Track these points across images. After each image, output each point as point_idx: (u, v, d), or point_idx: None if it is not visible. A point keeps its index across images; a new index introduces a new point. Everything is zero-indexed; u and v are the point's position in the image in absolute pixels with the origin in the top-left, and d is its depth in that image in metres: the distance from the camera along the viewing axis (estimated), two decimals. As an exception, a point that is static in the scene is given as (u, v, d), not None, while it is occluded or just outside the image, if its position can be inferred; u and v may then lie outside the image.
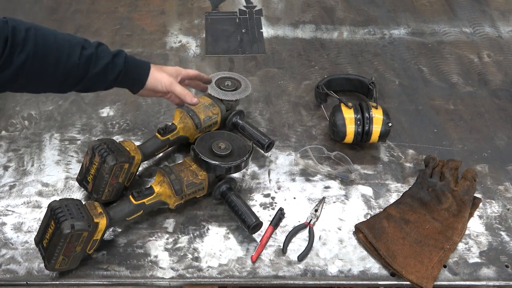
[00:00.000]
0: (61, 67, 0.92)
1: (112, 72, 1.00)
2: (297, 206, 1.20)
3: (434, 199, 1.20)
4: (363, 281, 1.07)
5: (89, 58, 0.96)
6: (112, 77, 1.01)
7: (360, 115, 1.26)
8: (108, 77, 1.01)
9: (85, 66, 0.95)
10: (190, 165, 1.15)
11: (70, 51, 0.93)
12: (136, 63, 1.07)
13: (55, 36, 0.92)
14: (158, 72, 1.09)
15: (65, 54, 0.92)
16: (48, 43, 0.90)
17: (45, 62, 0.90)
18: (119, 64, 1.01)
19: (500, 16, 1.86)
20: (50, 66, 0.91)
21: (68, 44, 0.93)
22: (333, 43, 1.71)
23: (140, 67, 1.07)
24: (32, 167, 1.27)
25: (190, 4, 1.88)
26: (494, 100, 1.51)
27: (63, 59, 0.92)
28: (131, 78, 1.06)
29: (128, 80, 1.06)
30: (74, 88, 1.00)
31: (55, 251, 0.97)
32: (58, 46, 0.91)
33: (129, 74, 1.04)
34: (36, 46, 0.88)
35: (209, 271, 1.07)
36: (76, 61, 0.93)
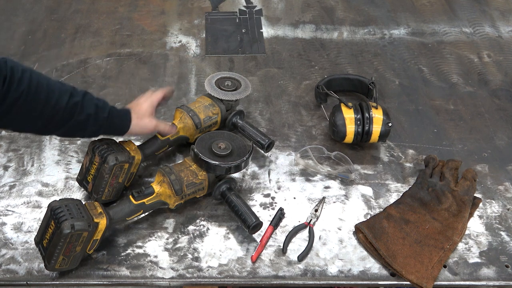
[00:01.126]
0: (48, 109, 0.97)
1: (94, 123, 1.04)
2: (297, 206, 1.20)
3: (434, 199, 1.20)
4: (363, 281, 1.07)
5: (75, 105, 1.00)
6: (94, 128, 1.05)
7: (360, 115, 1.26)
8: (90, 127, 1.05)
9: (70, 112, 1.00)
10: (190, 165, 1.15)
11: (60, 95, 0.98)
12: (119, 115, 1.10)
13: (47, 80, 0.98)
14: (140, 119, 1.13)
15: (55, 98, 0.97)
16: (40, 85, 0.95)
17: (35, 102, 0.95)
18: (103, 116, 1.05)
19: (500, 16, 1.86)
20: (39, 106, 0.96)
21: (59, 90, 0.98)
22: (333, 43, 1.71)
23: (123, 119, 1.11)
24: (32, 167, 1.27)
25: (190, 4, 1.88)
26: (494, 100, 1.51)
27: (52, 102, 0.97)
28: (113, 129, 1.10)
29: (111, 131, 1.11)
30: (56, 132, 1.04)
31: (55, 251, 0.97)
32: (49, 90, 0.97)
33: (112, 126, 1.09)
34: (30, 87, 0.93)
35: (209, 271, 1.07)
36: (63, 106, 0.98)
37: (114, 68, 1.58)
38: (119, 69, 1.57)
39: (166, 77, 1.55)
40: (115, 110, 1.09)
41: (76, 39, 1.68)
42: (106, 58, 1.61)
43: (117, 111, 1.09)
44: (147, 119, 1.14)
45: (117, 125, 1.10)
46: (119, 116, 1.10)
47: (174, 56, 1.63)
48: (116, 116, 1.09)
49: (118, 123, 1.10)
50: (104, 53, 1.63)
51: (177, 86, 1.52)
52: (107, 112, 1.06)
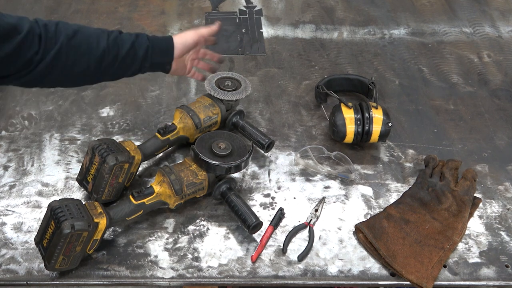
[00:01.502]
0: (93, 53, 1.00)
1: (140, 48, 1.07)
2: (297, 206, 1.20)
3: (434, 199, 1.20)
4: (363, 281, 1.07)
5: (115, 40, 1.03)
6: (141, 52, 1.08)
7: (360, 115, 1.26)
8: (138, 54, 1.07)
9: (114, 49, 1.03)
10: (190, 165, 1.15)
11: (98, 38, 1.01)
12: (158, 37, 1.13)
13: (82, 27, 1.01)
14: (179, 34, 1.16)
15: (95, 41, 1.00)
16: (77, 33, 0.98)
17: (78, 50, 0.98)
18: (144, 40, 1.08)
19: (500, 16, 1.86)
20: (84, 54, 0.99)
21: (95, 33, 1.02)
22: (333, 43, 1.71)
23: (163, 38, 1.14)
24: (32, 167, 1.27)
25: (190, 4, 1.88)
26: (494, 100, 1.51)
27: (93, 45, 0.99)
28: (160, 50, 1.12)
29: (158, 53, 1.12)
30: (110, 75, 1.07)
31: (55, 251, 0.97)
32: (87, 35, 1.00)
33: (156, 47, 1.11)
34: (68, 36, 0.96)
35: (209, 271, 1.07)
36: (105, 46, 1.00)
37: (114, 68, 1.57)
38: (119, 69, 1.57)
39: (166, 77, 1.55)
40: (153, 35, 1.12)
41: (76, 39, 1.68)
42: (106, 58, 1.61)
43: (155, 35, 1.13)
44: (186, 31, 1.17)
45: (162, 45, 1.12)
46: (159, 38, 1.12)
47: (174, 56, 1.63)
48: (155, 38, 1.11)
49: (161, 44, 1.12)
50: (104, 53, 1.63)
51: (177, 86, 1.52)
52: (146, 36, 1.09)
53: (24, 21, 0.96)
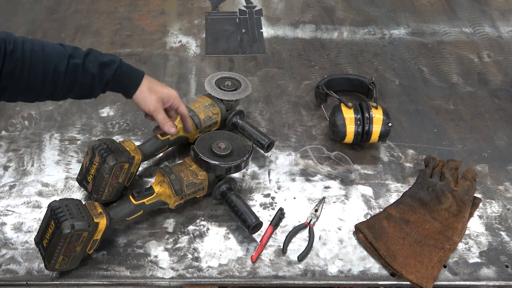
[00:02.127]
0: (49, 77, 0.94)
1: (99, 83, 1.01)
2: (297, 206, 1.20)
3: (434, 199, 1.20)
4: (363, 281, 1.07)
5: (75, 67, 0.96)
6: (99, 88, 1.02)
7: (360, 115, 1.26)
8: (96, 88, 1.01)
9: (72, 76, 0.96)
10: (190, 165, 1.15)
11: (58, 61, 0.94)
12: (129, 74, 1.04)
13: (43, 47, 0.94)
14: (148, 92, 1.06)
15: (53, 65, 0.93)
16: (35, 53, 0.92)
17: (32, 72, 0.92)
18: (107, 75, 1.00)
19: (500, 16, 1.86)
20: (38, 76, 0.93)
21: (56, 55, 0.94)
22: (333, 43, 1.71)
23: (132, 79, 1.05)
24: (32, 167, 1.27)
25: (190, 4, 1.88)
26: (494, 100, 1.51)
27: (51, 69, 0.93)
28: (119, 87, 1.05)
29: (117, 89, 1.06)
30: (64, 97, 1.01)
31: (55, 251, 0.97)
32: (45, 57, 0.93)
33: (117, 85, 1.04)
34: (24, 56, 0.90)
35: (209, 271, 1.07)
36: (63, 71, 0.94)
37: (114, 68, 1.57)
38: (119, 69, 1.57)
39: (166, 77, 1.55)
40: (125, 68, 1.03)
41: (76, 39, 1.68)
42: (106, 58, 1.61)
43: (126, 71, 1.03)
44: (155, 98, 1.06)
45: (123, 86, 1.05)
46: (129, 76, 1.04)
47: (174, 56, 1.63)
48: (125, 75, 1.03)
49: (123, 84, 1.04)
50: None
51: (177, 86, 1.52)
52: (114, 71, 1.00)
53: None
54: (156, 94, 1.07)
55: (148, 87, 1.06)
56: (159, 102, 1.07)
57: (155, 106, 1.07)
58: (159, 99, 1.07)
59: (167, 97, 1.09)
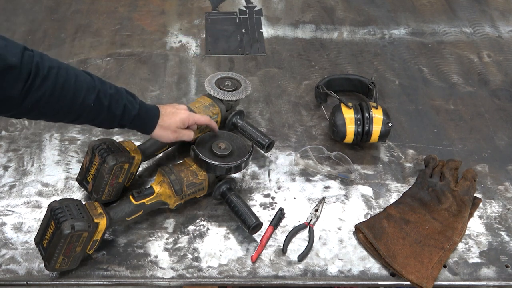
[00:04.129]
0: (74, 108, 0.96)
1: (120, 123, 1.04)
2: (297, 206, 1.20)
3: (434, 199, 1.20)
4: (363, 281, 1.07)
5: (102, 105, 0.99)
6: (119, 125, 1.05)
7: (360, 115, 1.26)
8: (114, 125, 1.05)
9: (96, 112, 0.99)
10: (190, 165, 1.15)
11: (86, 95, 0.96)
12: (146, 117, 1.08)
13: (76, 77, 0.95)
14: (163, 130, 1.11)
15: (81, 98, 0.95)
16: (66, 84, 0.93)
17: (60, 102, 0.93)
18: (127, 119, 1.04)
19: (500, 16, 1.86)
20: (65, 107, 0.95)
21: (86, 88, 0.96)
22: (333, 43, 1.71)
23: (147, 122, 1.09)
24: (32, 167, 1.27)
25: (190, 4, 1.88)
26: (494, 100, 1.51)
27: (78, 102, 0.95)
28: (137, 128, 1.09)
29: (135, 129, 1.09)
30: (84, 124, 1.04)
31: (55, 251, 0.97)
32: (76, 89, 0.95)
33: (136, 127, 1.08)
34: (55, 86, 0.91)
35: (209, 271, 1.07)
36: (90, 106, 0.97)
37: (114, 68, 1.58)
38: (119, 69, 1.57)
39: (166, 77, 1.55)
40: (142, 113, 1.06)
41: (76, 39, 1.68)
42: (106, 58, 1.61)
43: (143, 115, 1.07)
44: (169, 131, 1.11)
45: (141, 127, 1.09)
46: (145, 120, 1.08)
47: (174, 56, 1.63)
48: (142, 120, 1.07)
49: (142, 126, 1.09)
50: (104, 53, 1.63)
51: (177, 86, 1.52)
52: (134, 114, 1.04)
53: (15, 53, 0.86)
54: (170, 128, 1.11)
55: (160, 126, 1.10)
56: (175, 132, 1.12)
57: (174, 137, 1.12)
58: (174, 131, 1.12)
59: (181, 123, 1.13)
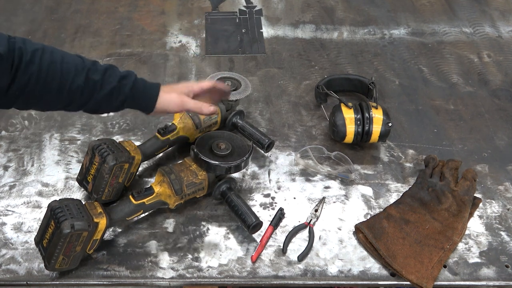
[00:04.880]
0: (64, 91, 0.92)
1: (117, 99, 0.99)
2: (297, 206, 1.20)
3: (434, 199, 1.20)
4: (363, 281, 1.07)
5: (94, 84, 0.95)
6: (117, 103, 1.00)
7: (360, 115, 1.26)
8: (113, 103, 1.00)
9: (89, 92, 0.95)
10: (190, 165, 1.15)
11: (75, 76, 0.92)
12: (145, 87, 1.03)
13: (62, 59, 0.92)
14: (167, 94, 1.06)
15: (70, 79, 0.91)
16: (52, 67, 0.90)
17: (48, 86, 0.90)
18: (125, 91, 0.99)
19: (500, 16, 1.86)
20: (53, 90, 0.91)
21: (74, 69, 0.92)
22: (333, 43, 1.71)
23: (148, 91, 1.04)
24: (32, 167, 1.27)
25: (190, 4, 1.88)
26: (494, 100, 1.51)
27: (67, 83, 0.91)
28: (138, 103, 1.04)
29: (136, 105, 1.05)
30: (79, 110, 1.00)
31: (55, 251, 0.97)
32: (63, 71, 0.91)
33: (136, 100, 1.03)
34: (40, 70, 0.88)
35: (209, 271, 1.07)
36: (81, 86, 0.93)
37: (114, 68, 1.57)
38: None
39: (166, 77, 1.55)
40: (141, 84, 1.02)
41: (76, 39, 1.68)
42: (106, 58, 1.61)
43: (142, 85, 1.02)
44: (175, 94, 1.05)
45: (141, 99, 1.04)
46: (145, 88, 1.03)
47: (174, 56, 1.63)
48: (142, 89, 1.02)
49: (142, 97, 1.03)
50: (104, 53, 1.63)
51: (177, 86, 1.52)
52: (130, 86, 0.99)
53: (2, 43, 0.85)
54: (176, 91, 1.06)
55: (165, 92, 1.05)
56: (181, 95, 1.06)
57: (180, 99, 1.06)
58: (180, 93, 1.06)
59: (186, 88, 1.08)
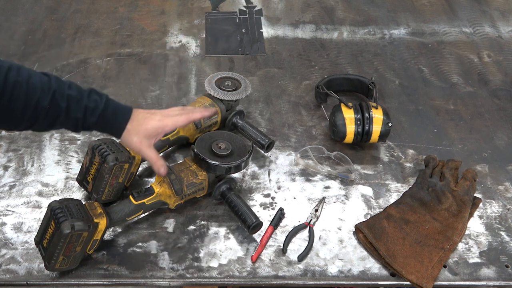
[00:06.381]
0: (28, 111, 0.89)
1: (81, 127, 0.96)
2: (297, 206, 1.20)
3: (434, 199, 1.20)
4: (363, 281, 1.07)
5: (58, 108, 0.91)
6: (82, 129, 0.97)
7: (360, 115, 1.26)
8: (77, 128, 0.97)
9: (54, 114, 0.92)
10: (190, 165, 1.15)
11: (40, 96, 0.89)
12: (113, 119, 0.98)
13: (29, 78, 0.89)
14: (129, 135, 1.00)
15: (35, 99, 0.88)
16: (18, 85, 0.87)
17: (11, 104, 0.87)
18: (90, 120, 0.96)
19: (500, 16, 1.86)
20: (17, 108, 0.88)
21: (40, 88, 0.89)
22: (333, 43, 1.71)
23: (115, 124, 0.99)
24: (32, 167, 1.27)
25: (190, 4, 1.88)
26: (494, 100, 1.51)
27: (32, 104, 0.88)
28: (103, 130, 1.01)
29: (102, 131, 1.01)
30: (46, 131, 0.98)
31: (55, 251, 0.97)
32: (28, 90, 0.88)
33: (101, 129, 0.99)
34: (4, 87, 0.86)
35: (209, 271, 1.07)
36: (45, 107, 0.89)
37: (114, 68, 1.58)
38: (119, 69, 1.57)
39: (166, 77, 1.55)
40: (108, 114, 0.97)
41: (76, 39, 1.68)
42: (106, 58, 1.61)
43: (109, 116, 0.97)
44: (136, 138, 1.00)
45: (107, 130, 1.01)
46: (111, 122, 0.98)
47: (174, 56, 1.63)
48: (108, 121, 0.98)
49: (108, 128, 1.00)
50: (104, 53, 1.63)
51: (177, 86, 1.52)
52: (98, 114, 0.95)
53: None
54: (139, 135, 1.00)
55: (128, 131, 1.00)
56: (142, 142, 1.01)
57: (138, 148, 1.01)
58: (141, 139, 1.00)
59: (154, 131, 1.02)
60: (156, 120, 1.02)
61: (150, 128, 1.01)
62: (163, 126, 1.03)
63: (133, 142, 1.00)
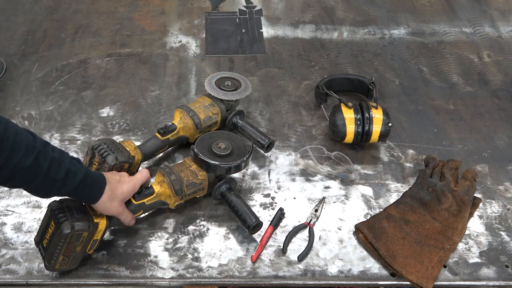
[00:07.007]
0: (7, 168, 0.86)
1: (58, 191, 0.94)
2: (297, 206, 1.20)
3: (434, 199, 1.20)
4: (363, 281, 1.07)
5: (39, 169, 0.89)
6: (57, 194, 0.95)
7: (360, 115, 1.26)
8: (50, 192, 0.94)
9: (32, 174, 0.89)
10: (190, 165, 1.15)
11: (24, 155, 0.87)
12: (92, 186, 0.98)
13: (16, 135, 0.86)
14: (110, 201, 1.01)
15: (17, 157, 0.86)
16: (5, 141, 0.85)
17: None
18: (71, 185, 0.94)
19: (500, 16, 1.86)
20: None
21: (25, 147, 0.87)
22: (333, 43, 1.71)
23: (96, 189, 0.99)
24: (32, 167, 1.26)
25: (190, 4, 1.88)
26: (494, 100, 1.51)
27: (13, 161, 0.86)
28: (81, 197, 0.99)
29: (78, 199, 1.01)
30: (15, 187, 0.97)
31: (55, 251, 0.97)
32: (14, 146, 0.85)
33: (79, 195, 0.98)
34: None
35: (209, 271, 1.07)
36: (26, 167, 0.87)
37: (114, 68, 1.58)
38: (119, 69, 1.57)
39: (166, 77, 1.55)
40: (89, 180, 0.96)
41: (76, 39, 1.68)
42: (106, 58, 1.61)
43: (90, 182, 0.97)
44: (116, 202, 1.02)
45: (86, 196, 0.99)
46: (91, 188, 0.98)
47: (174, 56, 1.63)
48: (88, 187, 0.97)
49: (87, 195, 0.98)
50: (104, 53, 1.63)
51: (177, 86, 1.52)
52: (80, 179, 0.94)
53: None
54: (117, 199, 1.03)
55: (108, 196, 1.00)
56: (121, 205, 1.04)
57: (118, 212, 1.04)
58: (121, 203, 1.04)
59: (129, 194, 1.06)
60: (127, 182, 1.05)
61: (126, 191, 1.04)
62: (134, 188, 1.07)
63: (114, 207, 1.02)
